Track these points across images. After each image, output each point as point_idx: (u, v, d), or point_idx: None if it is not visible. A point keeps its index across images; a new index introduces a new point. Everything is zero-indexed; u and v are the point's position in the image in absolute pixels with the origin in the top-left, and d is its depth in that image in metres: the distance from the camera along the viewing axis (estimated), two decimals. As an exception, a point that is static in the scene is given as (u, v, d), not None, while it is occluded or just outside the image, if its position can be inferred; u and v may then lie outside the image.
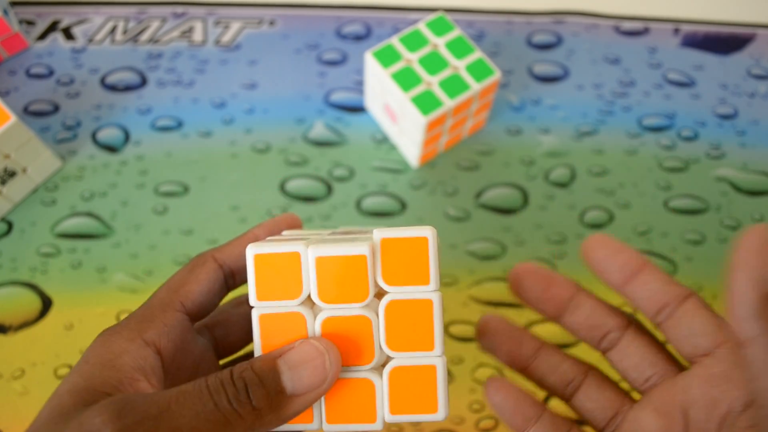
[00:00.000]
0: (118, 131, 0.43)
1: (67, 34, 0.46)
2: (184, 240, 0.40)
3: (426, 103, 0.38)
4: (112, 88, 0.45)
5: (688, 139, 0.44)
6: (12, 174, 0.39)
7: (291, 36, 0.47)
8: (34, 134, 0.39)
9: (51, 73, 0.45)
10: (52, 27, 0.46)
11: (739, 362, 0.18)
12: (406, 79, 0.39)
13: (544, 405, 0.26)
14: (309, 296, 0.21)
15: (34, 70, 0.45)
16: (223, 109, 0.44)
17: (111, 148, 0.43)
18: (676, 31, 0.48)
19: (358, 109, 0.45)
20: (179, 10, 0.47)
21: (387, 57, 0.39)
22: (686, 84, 0.46)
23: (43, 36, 0.46)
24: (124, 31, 0.46)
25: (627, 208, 0.42)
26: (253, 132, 0.43)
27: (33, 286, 0.39)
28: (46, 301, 0.38)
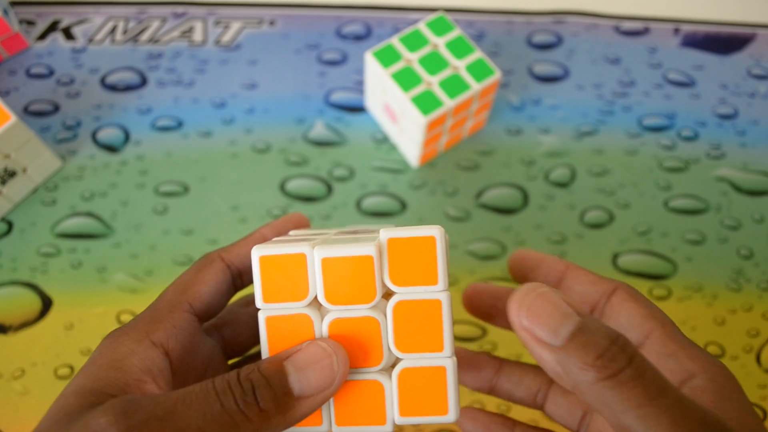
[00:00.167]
0: (118, 131, 0.43)
1: (67, 34, 0.46)
2: (184, 240, 0.40)
3: (426, 103, 0.38)
4: (112, 88, 0.45)
5: (688, 139, 0.44)
6: (12, 174, 0.39)
7: (291, 36, 0.47)
8: (34, 134, 0.39)
9: (51, 73, 0.45)
10: (52, 27, 0.46)
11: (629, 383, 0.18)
12: (406, 79, 0.39)
13: (515, 423, 0.26)
14: (316, 298, 0.21)
15: (34, 70, 0.45)
16: (223, 109, 0.44)
17: (111, 148, 0.43)
18: (676, 31, 0.48)
19: (358, 109, 0.45)
20: (179, 10, 0.47)
21: (387, 57, 0.39)
22: (686, 84, 0.46)
23: (43, 36, 0.46)
24: (124, 31, 0.46)
25: (627, 208, 0.42)
26: (253, 132, 0.43)
27: (33, 286, 0.39)
28: (46, 301, 0.38)
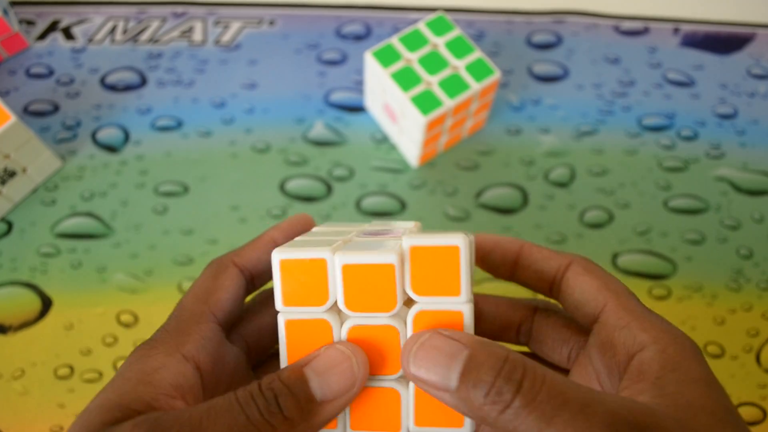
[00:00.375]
0: (118, 131, 0.43)
1: (67, 34, 0.46)
2: (184, 240, 0.40)
3: (426, 102, 0.38)
4: (112, 88, 0.45)
5: (688, 139, 0.44)
6: (12, 174, 0.39)
7: (291, 36, 0.47)
8: (34, 134, 0.39)
9: (51, 73, 0.45)
10: (52, 27, 0.46)
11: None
12: (406, 79, 0.39)
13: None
14: (335, 303, 0.21)
15: (34, 70, 0.45)
16: (223, 109, 0.44)
17: (111, 148, 0.43)
18: (676, 31, 0.48)
19: (358, 109, 0.45)
20: (179, 10, 0.47)
21: (387, 57, 0.39)
22: (686, 84, 0.46)
23: (43, 36, 0.46)
24: (124, 31, 0.46)
25: (627, 207, 0.42)
26: (253, 132, 0.43)
27: (33, 286, 0.39)
28: (46, 301, 0.38)
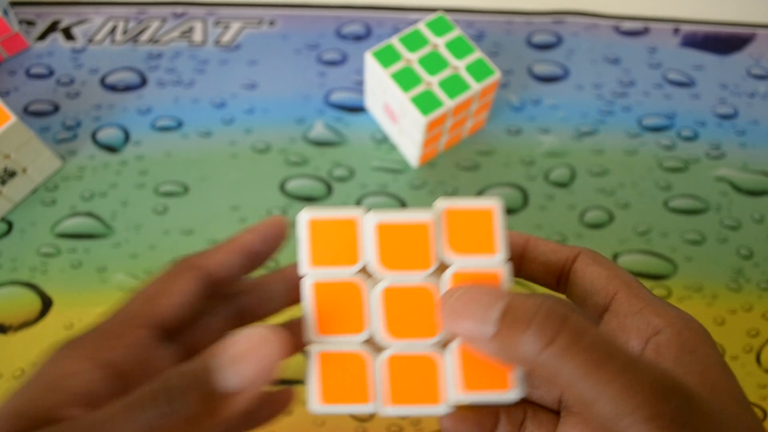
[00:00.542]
0: (118, 131, 0.43)
1: (67, 34, 0.46)
2: (184, 240, 0.40)
3: (426, 103, 0.38)
4: (112, 88, 0.45)
5: (688, 139, 0.44)
6: (12, 174, 0.39)
7: (291, 36, 0.47)
8: (34, 134, 0.39)
9: (51, 73, 0.45)
10: (52, 27, 0.46)
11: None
12: (406, 79, 0.39)
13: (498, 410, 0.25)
14: (366, 265, 0.20)
15: (34, 70, 0.45)
16: (223, 109, 0.44)
17: (111, 148, 0.43)
18: (676, 31, 0.48)
19: (358, 109, 0.45)
20: (179, 10, 0.47)
21: (387, 57, 0.39)
22: (686, 84, 0.46)
23: (43, 36, 0.46)
24: (124, 31, 0.46)
25: (627, 208, 0.42)
26: (253, 132, 0.43)
27: (33, 286, 0.39)
28: (46, 301, 0.38)
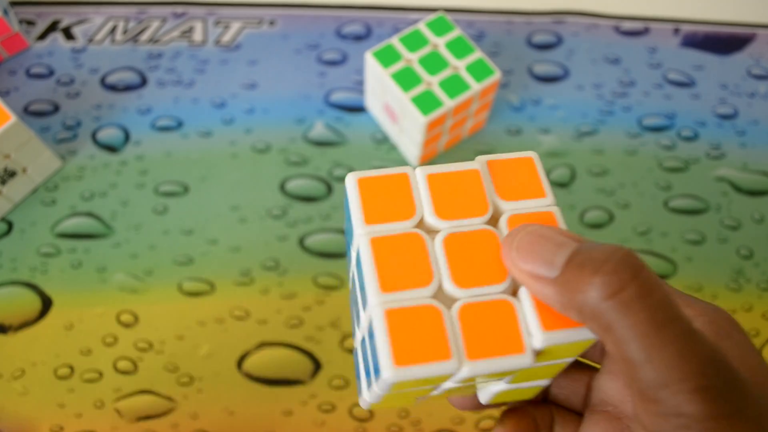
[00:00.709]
0: (118, 131, 0.43)
1: (67, 34, 0.46)
2: (184, 240, 0.40)
3: (426, 103, 0.38)
4: (112, 88, 0.45)
5: (688, 139, 0.44)
6: (12, 174, 0.39)
7: (291, 36, 0.47)
8: (34, 134, 0.39)
9: (51, 73, 0.45)
10: (52, 27, 0.46)
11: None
12: (406, 79, 0.39)
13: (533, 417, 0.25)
14: (422, 218, 0.19)
15: (34, 70, 0.45)
16: (223, 109, 0.44)
17: (111, 148, 0.43)
18: (676, 31, 0.48)
19: (358, 109, 0.45)
20: (179, 10, 0.47)
21: (387, 57, 0.39)
22: (686, 84, 0.46)
23: (43, 36, 0.46)
24: (124, 31, 0.46)
25: (627, 208, 0.42)
26: (253, 132, 0.43)
27: (33, 286, 0.39)
28: (46, 301, 0.38)
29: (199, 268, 0.39)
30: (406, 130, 0.40)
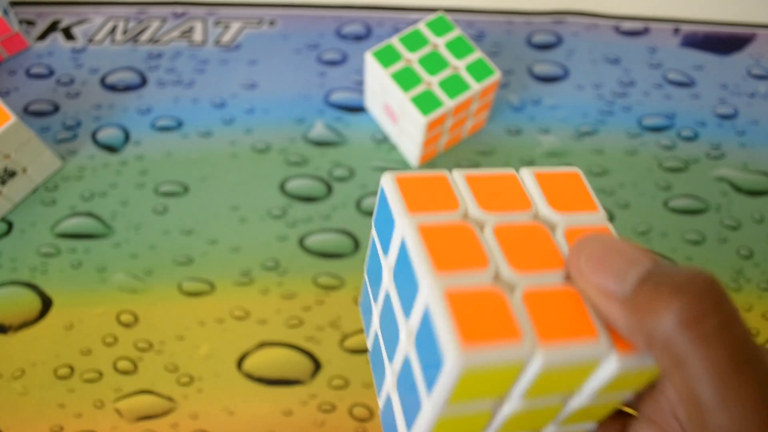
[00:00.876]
0: (118, 131, 0.43)
1: (67, 34, 0.46)
2: (184, 240, 0.40)
3: (426, 103, 0.38)
4: (112, 88, 0.45)
5: (688, 139, 0.44)
6: (12, 174, 0.39)
7: (291, 36, 0.47)
8: (34, 134, 0.39)
9: (51, 73, 0.45)
10: (52, 27, 0.46)
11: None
12: (406, 79, 0.39)
13: None
14: (467, 212, 0.19)
15: (34, 70, 0.45)
16: (223, 109, 0.44)
17: (111, 148, 0.43)
18: (676, 31, 0.48)
19: (358, 109, 0.45)
20: (179, 10, 0.47)
21: (387, 57, 0.39)
22: (686, 84, 0.46)
23: (43, 36, 0.46)
24: (124, 31, 0.46)
25: (627, 208, 0.42)
26: (253, 132, 0.43)
27: (33, 286, 0.39)
28: (46, 301, 0.38)
29: (199, 268, 0.39)
30: (406, 130, 0.40)
